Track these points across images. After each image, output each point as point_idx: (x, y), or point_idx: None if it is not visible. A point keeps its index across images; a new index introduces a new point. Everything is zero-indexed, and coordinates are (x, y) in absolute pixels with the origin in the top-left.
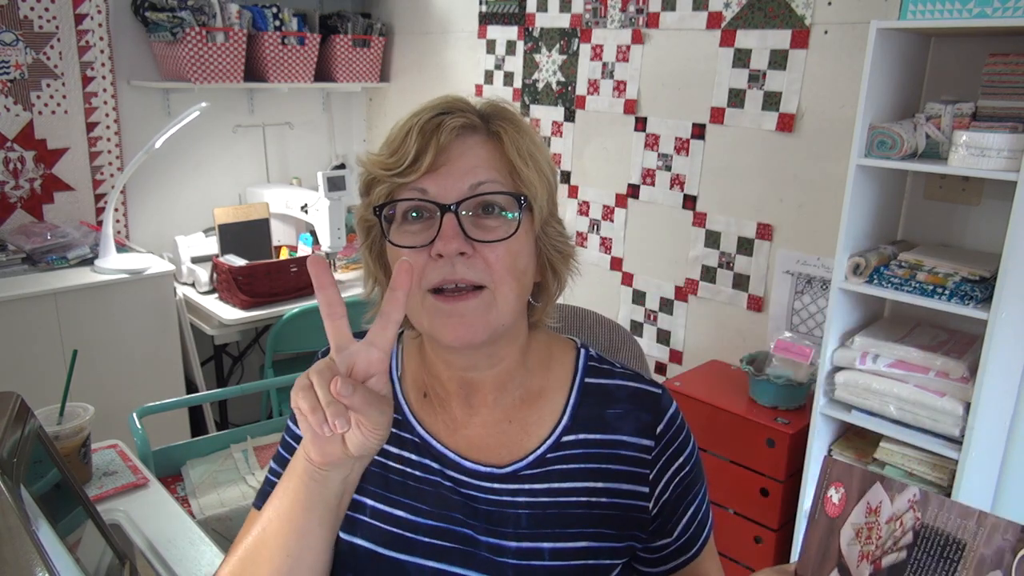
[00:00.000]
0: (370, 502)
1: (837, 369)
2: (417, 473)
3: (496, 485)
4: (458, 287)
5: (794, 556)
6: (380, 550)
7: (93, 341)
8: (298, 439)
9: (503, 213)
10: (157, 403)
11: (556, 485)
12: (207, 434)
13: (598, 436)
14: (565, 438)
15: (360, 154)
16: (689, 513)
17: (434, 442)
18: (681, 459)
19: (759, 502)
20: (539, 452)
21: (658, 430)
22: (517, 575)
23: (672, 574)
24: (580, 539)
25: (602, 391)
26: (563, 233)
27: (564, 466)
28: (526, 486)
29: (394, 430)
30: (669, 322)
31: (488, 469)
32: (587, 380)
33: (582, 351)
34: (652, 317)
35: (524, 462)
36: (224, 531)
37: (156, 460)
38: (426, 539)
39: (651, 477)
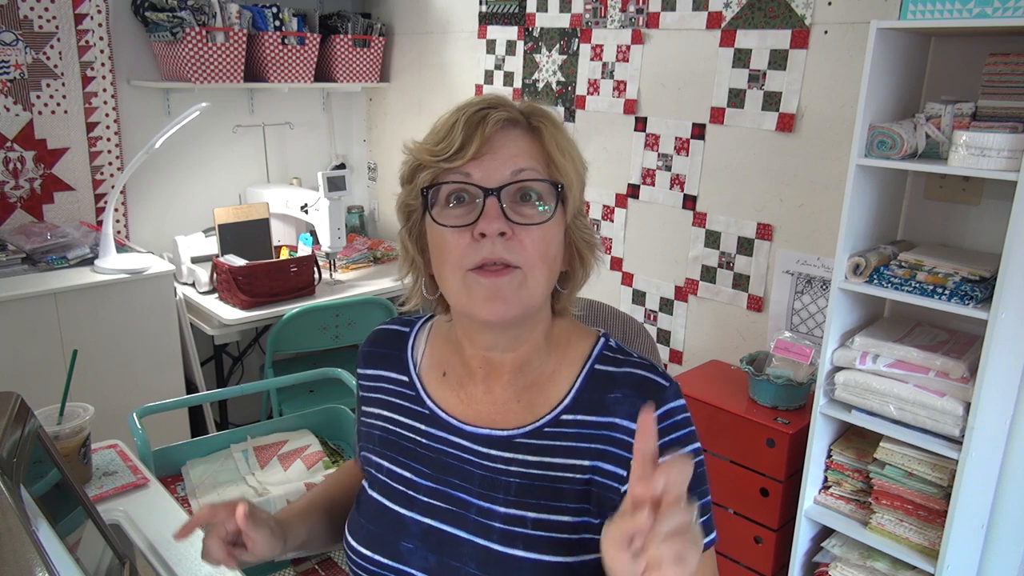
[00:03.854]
0: (386, 463)
1: (837, 369)
2: (423, 440)
3: (493, 451)
4: (496, 264)
5: (794, 556)
6: (388, 503)
7: (93, 341)
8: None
9: (539, 203)
10: (157, 403)
11: (548, 459)
12: (207, 434)
13: (593, 418)
14: (564, 416)
15: (407, 141)
16: None
17: (441, 413)
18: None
19: (759, 502)
20: (537, 425)
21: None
22: (502, 538)
23: None
24: (563, 513)
25: (608, 377)
26: (589, 225)
27: (558, 443)
28: (520, 456)
29: (407, 404)
30: (669, 322)
31: (487, 431)
32: (596, 367)
33: (601, 339)
34: (652, 317)
35: (521, 431)
36: None
37: (156, 460)
38: (424, 498)
39: None
